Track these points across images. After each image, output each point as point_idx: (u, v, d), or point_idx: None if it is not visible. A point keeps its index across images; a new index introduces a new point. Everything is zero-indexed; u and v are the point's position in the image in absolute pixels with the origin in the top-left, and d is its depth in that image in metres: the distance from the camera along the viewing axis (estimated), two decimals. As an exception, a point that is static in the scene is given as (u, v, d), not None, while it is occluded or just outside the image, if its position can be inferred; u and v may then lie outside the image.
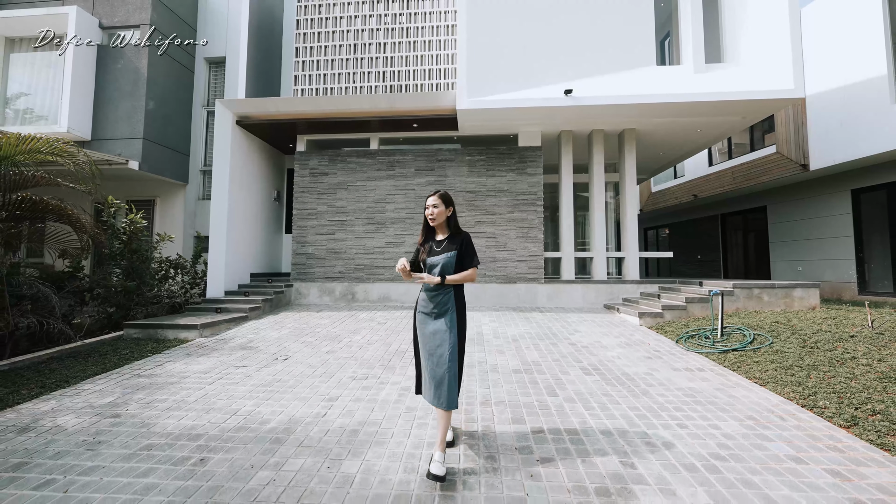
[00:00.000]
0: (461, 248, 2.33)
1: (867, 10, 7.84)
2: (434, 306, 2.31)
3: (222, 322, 5.80)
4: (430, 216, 2.34)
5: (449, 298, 2.32)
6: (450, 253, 2.30)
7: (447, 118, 7.36)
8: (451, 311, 2.31)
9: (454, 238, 2.37)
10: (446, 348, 2.22)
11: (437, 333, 2.27)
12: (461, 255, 2.33)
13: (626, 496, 1.99)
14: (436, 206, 2.33)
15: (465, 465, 2.27)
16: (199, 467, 2.27)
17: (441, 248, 2.34)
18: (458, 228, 2.41)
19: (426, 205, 2.37)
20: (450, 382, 2.16)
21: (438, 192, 2.38)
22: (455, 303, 2.34)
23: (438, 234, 2.42)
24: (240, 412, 3.02)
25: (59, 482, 2.14)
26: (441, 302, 2.31)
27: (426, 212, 2.36)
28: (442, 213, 2.34)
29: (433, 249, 2.35)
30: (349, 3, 8.43)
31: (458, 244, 2.34)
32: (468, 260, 2.35)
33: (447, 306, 2.31)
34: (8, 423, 2.87)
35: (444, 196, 2.36)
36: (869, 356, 3.50)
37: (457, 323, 2.31)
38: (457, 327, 2.30)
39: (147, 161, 8.05)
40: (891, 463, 2.27)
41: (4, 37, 8.44)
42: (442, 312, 2.30)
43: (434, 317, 2.31)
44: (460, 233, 2.40)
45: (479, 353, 4.54)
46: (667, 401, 3.19)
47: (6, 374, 3.82)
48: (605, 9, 6.87)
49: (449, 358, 2.20)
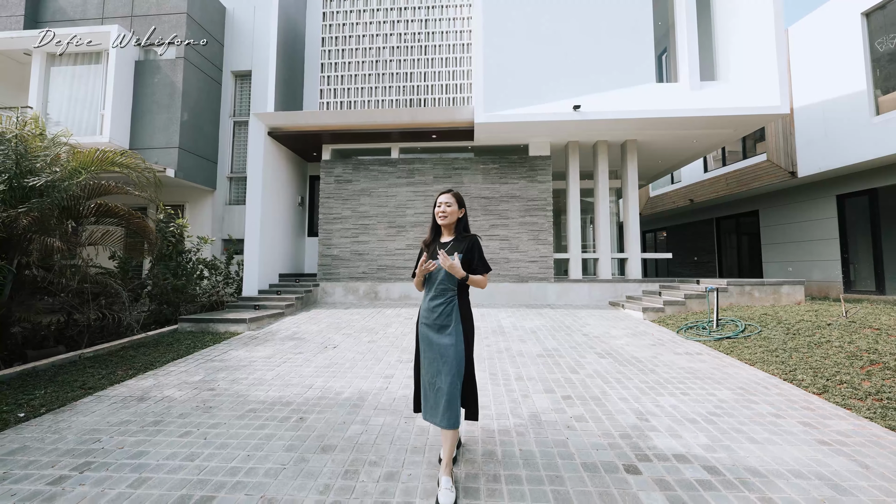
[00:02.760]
0: (469, 253, 2.15)
1: (848, 29, 8.56)
2: (437, 317, 2.12)
3: (264, 317, 6.36)
4: (440, 214, 2.18)
5: (453, 308, 2.13)
6: (456, 256, 2.10)
7: (464, 130, 7.98)
8: (457, 321, 2.12)
9: (461, 240, 2.19)
10: (452, 362, 2.04)
11: (441, 347, 2.08)
12: (469, 259, 2.14)
13: (644, 438, 2.59)
14: (449, 205, 2.17)
15: (514, 422, 2.85)
16: (301, 423, 2.84)
17: (446, 249, 2.16)
18: (468, 231, 2.27)
19: (437, 202, 2.21)
20: (453, 399, 2.01)
21: (451, 190, 2.23)
22: (460, 312, 2.14)
23: (445, 235, 2.25)
24: (314, 386, 3.60)
25: (196, 433, 2.71)
26: (444, 313, 2.12)
27: (437, 209, 2.20)
28: (454, 213, 2.19)
29: (437, 252, 2.15)
30: (371, 22, 9.07)
31: (466, 247, 2.15)
32: (479, 265, 2.17)
33: (451, 317, 2.12)
34: (124, 395, 3.43)
35: (457, 195, 2.21)
36: (841, 340, 4.12)
37: (463, 335, 2.12)
38: (463, 339, 2.11)
39: (182, 168, 8.61)
40: (850, 417, 2.88)
41: (46, 52, 8.99)
42: (446, 324, 2.11)
43: (437, 329, 2.12)
44: (469, 236, 2.22)
45: (504, 342, 5.13)
46: (671, 376, 3.79)
47: (96, 360, 4.37)
48: (608, 32, 7.54)
49: (456, 372, 2.03)
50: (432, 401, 2.08)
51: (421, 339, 2.20)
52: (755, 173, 11.03)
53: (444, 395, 2.01)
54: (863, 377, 3.37)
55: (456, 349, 2.06)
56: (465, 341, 2.13)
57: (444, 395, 2.01)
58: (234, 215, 9.82)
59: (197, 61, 9.13)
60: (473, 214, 8.43)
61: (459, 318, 2.13)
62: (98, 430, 2.75)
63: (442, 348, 2.07)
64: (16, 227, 3.66)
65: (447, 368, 2.04)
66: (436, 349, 2.10)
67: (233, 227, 9.72)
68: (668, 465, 2.27)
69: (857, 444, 2.51)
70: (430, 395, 2.09)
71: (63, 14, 9.19)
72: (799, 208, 10.63)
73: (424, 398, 2.14)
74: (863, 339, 4.02)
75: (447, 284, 2.15)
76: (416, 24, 8.99)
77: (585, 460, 2.33)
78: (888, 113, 7.93)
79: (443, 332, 2.11)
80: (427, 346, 2.14)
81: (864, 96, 8.27)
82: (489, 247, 8.29)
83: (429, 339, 2.14)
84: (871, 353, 3.72)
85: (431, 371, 2.10)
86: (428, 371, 2.13)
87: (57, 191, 3.91)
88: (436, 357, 2.09)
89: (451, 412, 2.00)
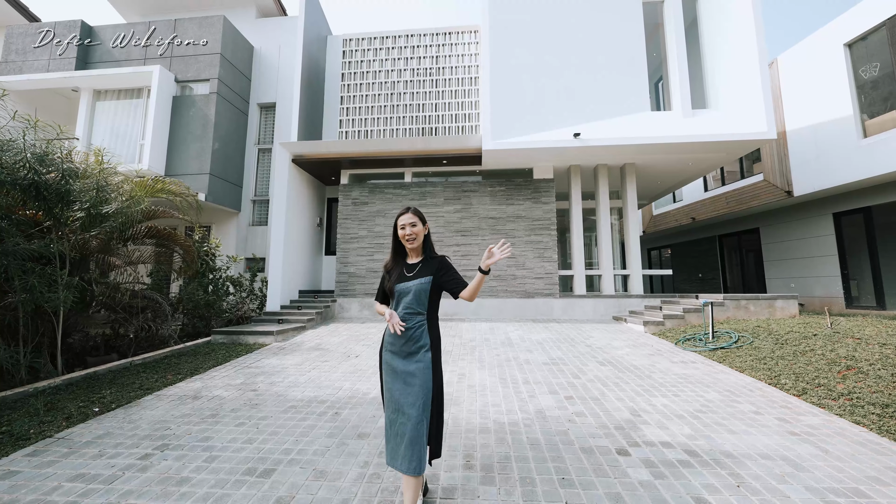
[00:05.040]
0: (439, 273, 1.97)
1: (833, 58, 9.13)
2: (404, 343, 1.89)
3: (288, 330, 6.85)
4: (408, 237, 1.97)
5: (423, 333, 1.91)
6: (424, 278, 1.93)
7: (472, 156, 8.61)
8: (426, 348, 1.89)
9: (429, 262, 2.01)
10: (418, 392, 1.82)
11: (406, 375, 1.86)
12: (439, 280, 1.96)
13: (636, 430, 2.98)
14: (413, 225, 1.98)
15: (522, 416, 3.26)
16: (337, 417, 3.29)
17: (413, 272, 1.97)
18: (433, 251, 2.07)
19: (401, 224, 1.99)
20: (417, 437, 1.76)
21: (410, 208, 2.03)
22: (430, 337, 1.92)
23: (411, 258, 2.05)
24: (343, 388, 4.04)
25: (249, 423, 3.16)
26: (413, 338, 1.89)
27: (402, 232, 1.98)
28: (420, 232, 1.99)
29: (404, 274, 1.98)
30: (386, 59, 9.90)
31: (435, 269, 1.98)
32: (454, 285, 1.96)
33: (420, 342, 1.90)
34: (178, 394, 3.91)
35: (417, 212, 2.02)
36: (824, 349, 4.46)
37: (432, 363, 1.89)
38: (432, 368, 1.88)
39: (212, 193, 9.33)
40: (822, 414, 3.24)
41: (93, 90, 9.95)
42: (413, 350, 1.89)
43: (404, 356, 1.89)
44: (436, 256, 2.04)
45: (512, 352, 5.53)
46: (665, 381, 4.16)
47: (145, 366, 4.87)
48: (606, 66, 8.21)
49: (422, 404, 1.80)
50: (393, 441, 1.82)
51: (384, 368, 1.96)
52: (753, 192, 11.45)
53: (407, 433, 1.76)
54: (838, 380, 3.72)
55: (423, 377, 1.85)
56: (434, 369, 1.89)
57: (407, 431, 1.76)
58: (257, 235, 10.48)
59: (227, 95, 10.00)
60: (481, 234, 8.95)
61: (429, 344, 1.91)
62: (166, 421, 3.22)
63: (407, 376, 1.86)
64: (87, 249, 4.24)
65: (411, 400, 1.81)
66: (400, 378, 1.87)
67: (255, 246, 10.36)
68: (654, 450, 2.67)
69: (823, 434, 2.87)
70: (391, 434, 1.83)
71: (110, 56, 10.20)
72: (798, 226, 10.96)
73: (386, 438, 1.86)
74: (843, 348, 4.36)
75: (415, 308, 1.93)
76: (427, 60, 9.80)
77: (583, 445, 2.74)
78: (875, 136, 8.38)
79: (410, 359, 1.88)
80: (391, 376, 1.91)
81: (852, 121, 8.75)
82: (497, 264, 8.75)
83: (392, 367, 1.91)
84: (848, 359, 4.06)
85: (392, 405, 1.87)
86: (389, 405, 1.88)
87: (122, 216, 4.52)
88: (400, 388, 1.86)
89: (412, 452, 1.74)
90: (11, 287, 3.85)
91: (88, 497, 2.18)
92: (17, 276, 3.73)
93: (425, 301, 1.94)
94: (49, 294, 3.89)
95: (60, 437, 2.95)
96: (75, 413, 3.38)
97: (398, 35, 10.28)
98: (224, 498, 2.15)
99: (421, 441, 1.77)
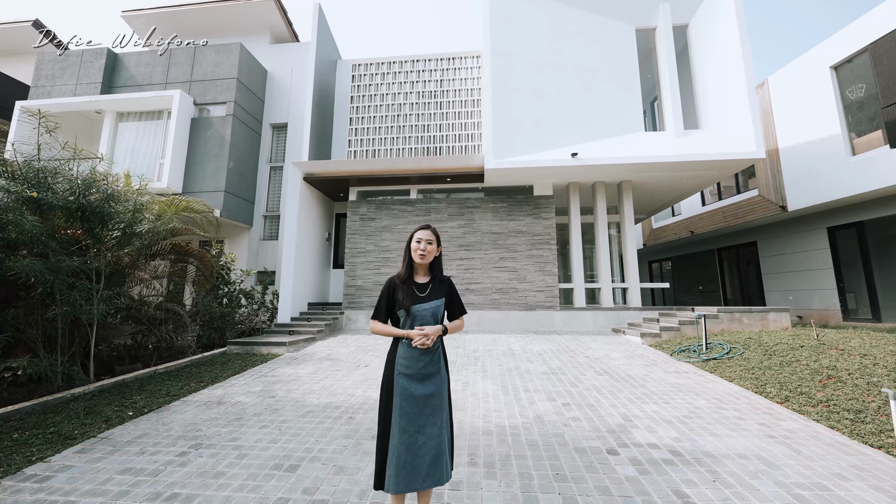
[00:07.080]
0: (450, 297, 2.06)
1: (820, 80, 9.54)
2: (423, 366, 1.92)
3: (299, 341, 7.15)
4: (421, 252, 1.99)
5: (440, 356, 1.99)
6: (438, 300, 1.99)
7: (475, 174, 9.02)
8: (442, 367, 1.98)
9: (440, 284, 2.05)
10: (439, 412, 1.90)
11: (428, 398, 1.89)
12: (450, 302, 2.06)
13: (626, 433, 3.25)
14: (430, 242, 2.01)
15: (521, 420, 3.54)
16: (352, 420, 3.58)
17: (426, 293, 2.00)
18: (441, 270, 2.12)
19: (417, 238, 2.01)
20: (443, 452, 1.86)
21: (429, 226, 2.06)
22: (444, 356, 2.04)
23: (420, 276, 2.06)
24: (356, 395, 4.33)
25: (272, 426, 3.46)
26: (433, 360, 1.95)
27: (416, 246, 2.00)
28: (433, 252, 2.03)
29: (416, 294, 1.99)
30: (393, 82, 10.44)
31: (447, 292, 2.05)
32: (457, 308, 2.08)
33: (440, 362, 1.98)
34: (203, 400, 4.22)
35: (435, 232, 2.05)
36: (809, 359, 4.71)
37: (447, 380, 2.01)
38: (447, 384, 2.00)
39: (227, 209, 9.77)
40: (801, 419, 3.49)
41: (116, 111, 10.53)
42: (433, 371, 1.94)
43: (421, 379, 1.91)
44: (446, 279, 2.10)
45: (514, 363, 5.80)
46: (658, 389, 4.42)
47: (168, 375, 5.19)
48: (602, 89, 8.65)
49: (444, 423, 1.90)
50: (413, 464, 1.79)
51: (399, 393, 1.90)
52: (749, 207, 11.76)
53: (432, 450, 1.82)
54: (819, 388, 3.97)
55: (441, 396, 1.93)
56: (448, 385, 2.01)
57: (432, 449, 1.82)
58: (268, 249, 10.87)
59: (242, 117, 10.54)
60: (484, 248, 9.29)
61: (443, 364, 2.00)
62: (196, 424, 3.53)
63: (428, 399, 1.89)
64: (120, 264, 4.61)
65: (433, 419, 1.86)
66: (420, 402, 1.88)
67: (266, 260, 10.75)
68: (641, 450, 2.93)
69: (799, 437, 3.13)
70: (408, 458, 1.80)
71: (133, 80, 10.81)
72: (793, 239, 11.22)
73: (398, 466, 1.79)
74: (826, 358, 4.61)
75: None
76: (432, 84, 10.32)
77: (577, 446, 3.01)
78: (863, 154, 8.72)
79: (427, 381, 1.91)
80: (409, 402, 1.87)
81: (840, 139, 9.11)
82: (499, 278, 9.07)
83: (411, 393, 1.88)
84: (830, 369, 4.31)
85: (413, 428, 1.84)
86: (405, 430, 1.83)
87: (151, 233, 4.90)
88: (419, 411, 1.86)
89: (440, 464, 1.83)
90: (54, 300, 4.21)
91: (138, 487, 2.48)
92: (59, 290, 4.09)
93: (441, 322, 2.01)
94: (87, 307, 4.24)
95: (103, 437, 3.26)
96: (112, 416, 3.70)
97: (404, 60, 10.85)
98: (257, 489, 2.44)
99: (446, 452, 1.88)
